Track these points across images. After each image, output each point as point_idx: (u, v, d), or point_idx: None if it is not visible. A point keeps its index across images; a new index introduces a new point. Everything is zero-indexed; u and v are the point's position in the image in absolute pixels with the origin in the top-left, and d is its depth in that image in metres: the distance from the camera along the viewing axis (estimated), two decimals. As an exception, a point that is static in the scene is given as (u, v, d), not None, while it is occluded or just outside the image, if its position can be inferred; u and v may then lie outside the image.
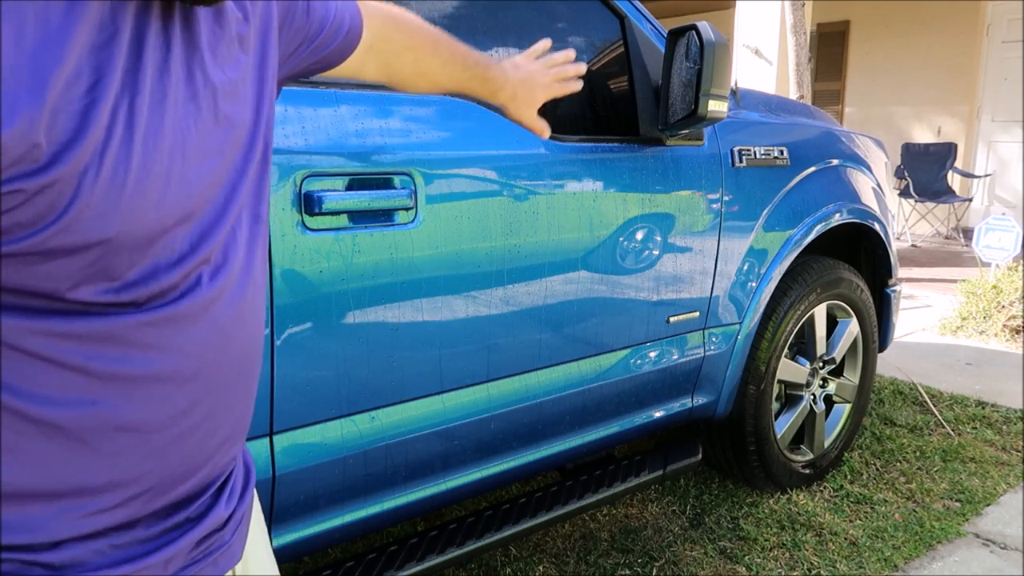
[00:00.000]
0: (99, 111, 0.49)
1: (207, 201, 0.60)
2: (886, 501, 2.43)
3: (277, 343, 1.30)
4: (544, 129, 1.28)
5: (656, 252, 1.88)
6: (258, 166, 0.68)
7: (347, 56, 0.89)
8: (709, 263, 2.02)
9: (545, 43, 1.26)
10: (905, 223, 7.11)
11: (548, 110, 1.80)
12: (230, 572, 0.72)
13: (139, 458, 0.59)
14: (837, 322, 2.54)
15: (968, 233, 6.55)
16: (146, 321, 0.56)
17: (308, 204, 1.29)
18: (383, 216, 1.39)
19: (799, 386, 2.43)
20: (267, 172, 0.71)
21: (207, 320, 0.61)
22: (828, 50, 8.20)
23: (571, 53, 1.27)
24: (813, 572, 2.06)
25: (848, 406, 2.61)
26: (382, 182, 1.39)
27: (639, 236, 1.83)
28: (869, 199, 2.52)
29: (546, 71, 1.23)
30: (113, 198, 0.50)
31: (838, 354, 2.52)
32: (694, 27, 1.69)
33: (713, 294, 2.06)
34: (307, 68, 0.86)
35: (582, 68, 1.28)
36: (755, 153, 2.10)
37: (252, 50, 0.69)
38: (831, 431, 2.58)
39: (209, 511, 0.67)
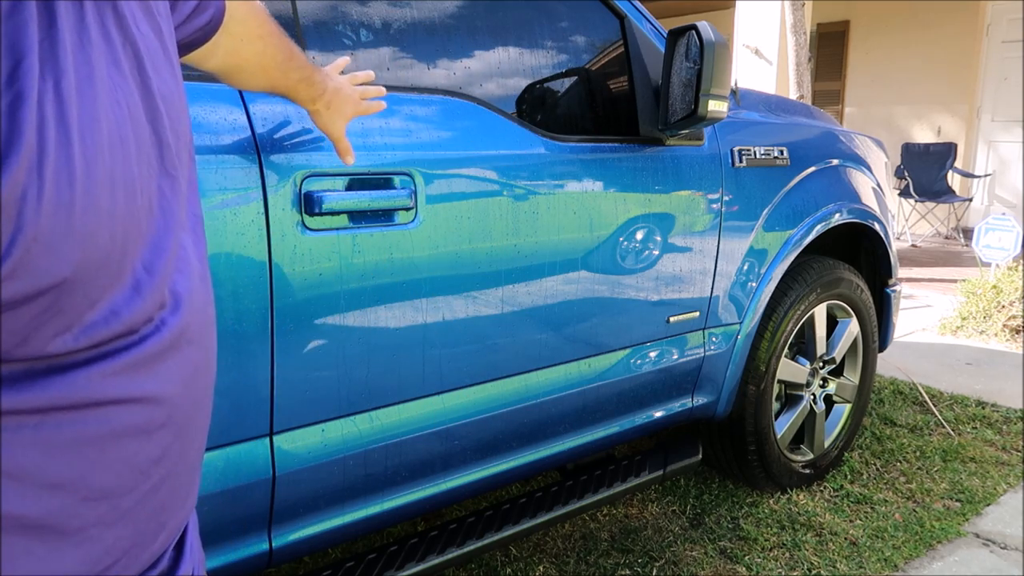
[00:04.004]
0: (27, 108, 0.38)
1: (153, 205, 0.50)
2: (886, 501, 2.43)
3: (277, 343, 1.30)
4: (348, 151, 1.24)
5: (656, 252, 1.88)
6: (191, 156, 0.59)
7: (211, 36, 0.78)
8: (709, 263, 2.02)
9: (344, 60, 1.26)
10: (905, 223, 7.11)
11: (549, 111, 1.81)
12: None
13: (109, 526, 0.51)
14: (837, 322, 2.54)
15: (968, 233, 6.55)
16: (111, 371, 0.48)
17: (308, 204, 1.29)
18: (383, 216, 1.39)
19: (799, 386, 2.43)
20: (195, 163, 0.61)
21: (176, 355, 0.53)
22: (828, 50, 8.20)
23: (371, 74, 1.26)
24: (813, 572, 2.06)
25: (848, 406, 2.61)
26: (382, 182, 1.39)
27: (639, 236, 1.83)
28: (869, 199, 2.52)
29: (353, 87, 1.22)
30: (63, 223, 0.40)
31: (838, 354, 2.52)
32: (694, 27, 1.69)
33: (713, 294, 2.06)
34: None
35: (383, 90, 1.28)
36: (755, 153, 2.10)
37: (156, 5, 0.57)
38: (831, 431, 2.58)
39: (174, 570, 0.61)
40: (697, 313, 2.04)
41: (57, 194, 0.40)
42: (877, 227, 2.55)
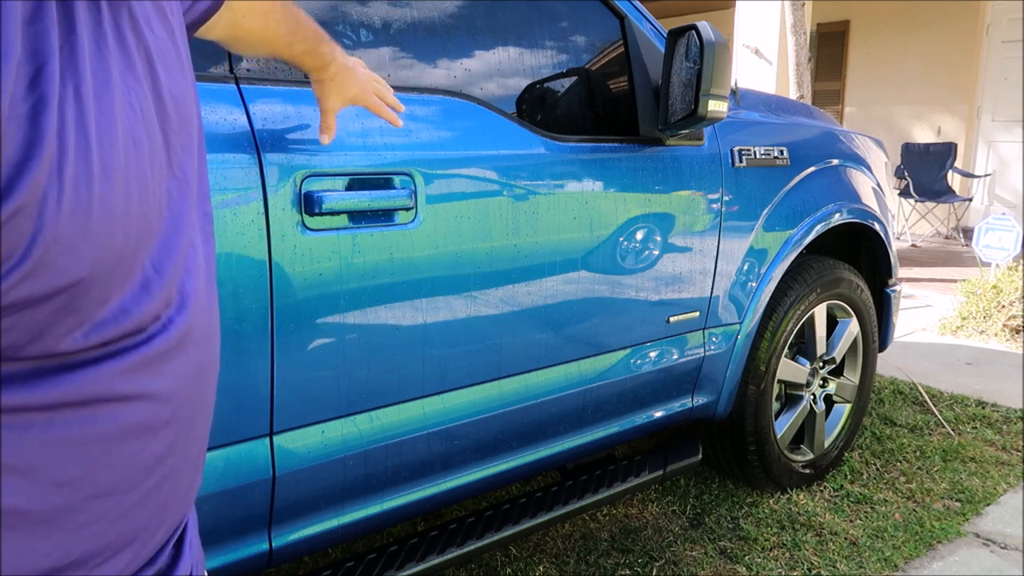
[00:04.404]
0: (49, 112, 0.39)
1: (162, 206, 0.50)
2: (886, 501, 2.43)
3: (277, 343, 1.30)
4: (330, 130, 1.23)
5: (656, 252, 1.88)
6: (201, 155, 0.59)
7: (211, 17, 0.77)
8: (709, 263, 2.02)
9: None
10: (905, 223, 7.11)
11: (549, 111, 1.81)
12: None
13: (112, 522, 0.52)
14: (837, 322, 2.54)
15: (968, 233, 6.55)
16: (119, 369, 0.48)
17: (308, 204, 1.29)
18: (383, 216, 1.39)
19: (799, 386, 2.43)
20: (205, 162, 0.61)
21: (181, 354, 0.54)
22: (828, 50, 8.20)
23: (389, 88, 1.29)
24: (813, 572, 2.06)
25: (848, 406, 2.61)
26: (382, 182, 1.39)
27: (639, 236, 1.83)
28: (869, 199, 2.52)
29: (368, 77, 1.23)
30: (80, 224, 0.41)
31: (838, 354, 2.52)
32: (694, 27, 1.69)
33: (713, 294, 2.06)
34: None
35: (401, 107, 1.31)
36: (755, 153, 2.10)
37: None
38: (831, 431, 2.58)
39: (172, 569, 0.61)
40: (697, 313, 2.04)
41: (76, 196, 0.41)
42: (877, 227, 2.55)
